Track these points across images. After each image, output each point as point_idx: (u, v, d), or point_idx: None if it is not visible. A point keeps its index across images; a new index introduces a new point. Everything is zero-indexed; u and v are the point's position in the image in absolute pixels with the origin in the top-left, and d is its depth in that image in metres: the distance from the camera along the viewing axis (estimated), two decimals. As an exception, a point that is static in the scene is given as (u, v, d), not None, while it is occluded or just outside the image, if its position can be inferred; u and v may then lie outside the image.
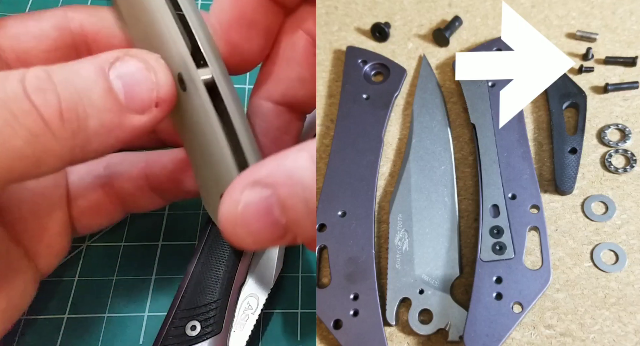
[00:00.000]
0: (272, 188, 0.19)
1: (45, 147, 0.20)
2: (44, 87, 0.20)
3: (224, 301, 0.30)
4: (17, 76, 0.20)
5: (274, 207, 0.19)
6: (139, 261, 0.35)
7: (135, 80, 0.22)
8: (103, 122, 0.21)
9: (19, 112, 0.20)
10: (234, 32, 0.25)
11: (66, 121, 0.20)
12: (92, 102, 0.21)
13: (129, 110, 0.22)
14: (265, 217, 0.19)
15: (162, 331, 0.29)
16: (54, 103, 0.20)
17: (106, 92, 0.21)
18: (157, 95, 0.22)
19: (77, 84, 0.21)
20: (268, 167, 0.20)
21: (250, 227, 0.20)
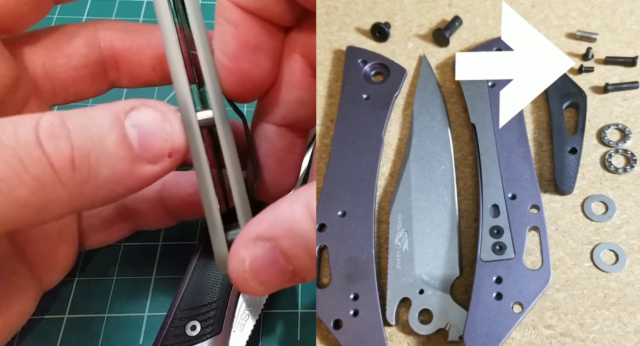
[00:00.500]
0: (274, 241, 0.20)
1: (52, 196, 0.20)
2: (58, 133, 0.20)
3: (224, 301, 0.30)
4: (31, 122, 0.20)
5: (279, 257, 0.21)
6: (139, 261, 0.35)
7: (150, 130, 0.22)
8: (114, 171, 0.21)
9: (28, 160, 0.19)
10: (242, 60, 0.25)
11: (77, 170, 0.20)
12: (105, 150, 0.20)
13: (142, 160, 0.21)
14: (272, 268, 0.21)
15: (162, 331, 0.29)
16: (67, 151, 0.20)
17: (120, 140, 0.21)
18: (171, 145, 0.22)
19: (92, 130, 0.20)
20: (267, 221, 0.21)
21: (261, 278, 0.21)
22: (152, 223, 0.33)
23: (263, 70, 0.26)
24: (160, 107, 0.22)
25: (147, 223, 0.33)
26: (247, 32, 0.24)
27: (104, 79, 0.30)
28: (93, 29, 0.29)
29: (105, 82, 0.30)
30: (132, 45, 0.29)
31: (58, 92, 0.29)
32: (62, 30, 0.28)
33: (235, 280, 0.21)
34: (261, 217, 0.21)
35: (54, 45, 0.28)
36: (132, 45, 0.29)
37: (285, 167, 0.29)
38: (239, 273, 0.21)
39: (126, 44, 0.29)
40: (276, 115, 0.27)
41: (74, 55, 0.28)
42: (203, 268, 0.31)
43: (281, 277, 0.21)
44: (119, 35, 0.29)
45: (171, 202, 0.32)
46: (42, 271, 0.29)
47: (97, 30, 0.29)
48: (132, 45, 0.29)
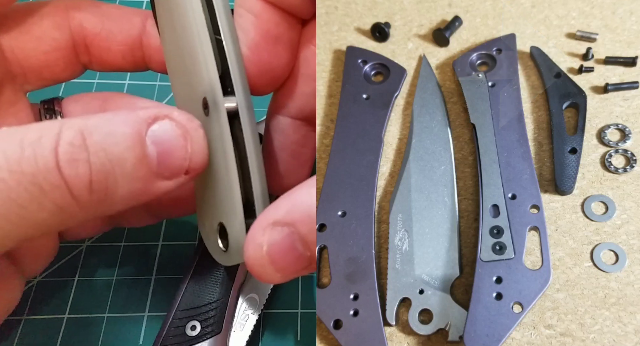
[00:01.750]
0: (292, 227, 0.20)
1: (69, 216, 0.20)
2: (77, 157, 0.19)
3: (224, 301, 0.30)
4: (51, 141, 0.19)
5: (297, 243, 0.20)
6: (139, 261, 0.35)
7: (170, 148, 0.21)
8: (131, 190, 0.21)
9: (48, 186, 0.19)
10: (263, 50, 0.25)
11: (94, 192, 0.20)
12: (124, 171, 0.20)
13: (158, 177, 0.21)
14: (290, 253, 0.20)
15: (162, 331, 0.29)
16: (85, 176, 0.20)
17: (140, 161, 0.20)
18: (189, 164, 0.22)
19: (112, 151, 0.20)
20: (284, 206, 0.21)
21: (278, 264, 0.20)
22: (133, 221, 0.33)
23: (282, 61, 0.25)
24: (184, 122, 0.22)
25: (127, 221, 0.33)
26: (267, 22, 0.24)
27: (76, 61, 0.29)
28: (63, 9, 0.28)
29: (78, 65, 0.29)
30: (102, 29, 0.28)
31: (30, 77, 0.28)
32: (30, 11, 0.27)
33: (252, 266, 0.21)
34: (279, 203, 0.21)
35: (22, 28, 0.27)
36: (102, 29, 0.28)
37: (299, 160, 0.29)
38: (256, 259, 0.21)
39: (97, 27, 0.28)
40: (292, 107, 0.27)
41: (44, 38, 0.27)
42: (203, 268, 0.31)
43: (299, 263, 0.21)
44: (89, 17, 0.28)
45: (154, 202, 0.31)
46: (23, 261, 0.29)
47: (67, 11, 0.28)
48: (102, 29, 0.28)
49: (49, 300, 0.33)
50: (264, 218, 0.21)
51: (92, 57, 0.29)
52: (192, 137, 0.22)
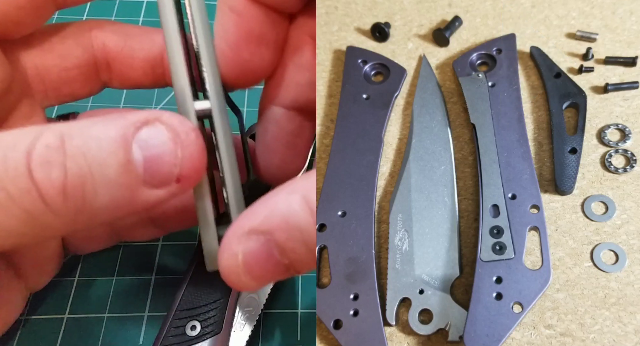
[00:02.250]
0: (268, 235, 0.19)
1: (44, 224, 0.19)
2: (52, 160, 0.18)
3: (224, 301, 0.30)
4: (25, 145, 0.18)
5: (274, 250, 0.19)
6: (139, 262, 0.35)
7: (158, 154, 0.20)
8: (113, 198, 0.19)
9: (15, 191, 0.18)
10: (244, 50, 0.24)
11: (70, 199, 0.19)
12: (104, 177, 0.19)
13: (145, 184, 0.20)
14: (266, 262, 0.20)
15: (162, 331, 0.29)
16: (58, 181, 0.18)
17: (123, 167, 0.19)
18: (180, 171, 0.20)
19: (92, 156, 0.19)
20: (261, 213, 0.20)
21: (254, 273, 0.20)
22: (138, 236, 0.32)
23: (264, 60, 0.25)
24: (175, 125, 0.20)
25: (133, 236, 0.32)
26: (250, 21, 0.24)
27: (96, 79, 0.29)
28: (87, 29, 0.28)
29: (98, 82, 0.30)
30: (124, 47, 0.28)
31: (50, 93, 0.28)
32: (56, 30, 0.28)
33: (227, 275, 0.20)
34: (255, 209, 0.20)
35: (46, 45, 0.27)
36: (124, 47, 0.28)
37: (294, 151, 0.28)
38: (230, 268, 0.20)
39: (119, 45, 0.28)
40: (286, 97, 0.27)
41: (66, 56, 0.28)
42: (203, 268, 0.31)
43: (275, 271, 0.20)
44: (111, 36, 0.28)
45: (158, 213, 0.31)
46: (27, 275, 0.29)
47: (91, 31, 0.28)
48: (124, 47, 0.28)
49: (49, 300, 0.33)
50: (239, 226, 0.20)
51: (113, 75, 0.29)
52: (182, 141, 0.20)
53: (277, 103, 0.27)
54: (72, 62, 0.28)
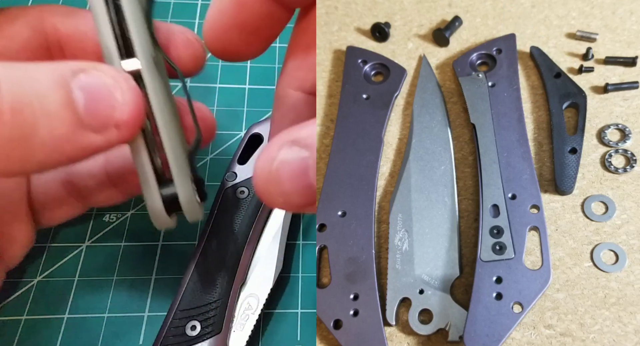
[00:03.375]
0: (310, 150, 0.18)
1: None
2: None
3: (224, 301, 0.30)
4: None
5: (310, 169, 0.18)
6: (139, 261, 0.35)
7: (99, 95, 0.20)
8: (53, 133, 0.19)
9: None
10: (234, 36, 0.24)
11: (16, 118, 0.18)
12: (44, 106, 0.19)
13: (85, 127, 0.20)
14: (299, 178, 0.18)
15: (162, 331, 0.29)
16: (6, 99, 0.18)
17: (64, 101, 0.19)
18: (120, 115, 0.20)
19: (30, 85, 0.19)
20: (308, 129, 0.19)
21: (284, 186, 0.19)
22: (103, 200, 0.32)
23: (251, 49, 0.25)
24: (112, 73, 0.21)
25: (98, 200, 0.32)
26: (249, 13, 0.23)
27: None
28: (37, 11, 0.28)
29: None
30: (75, 30, 0.28)
31: None
32: (5, 12, 0.27)
33: (257, 180, 0.19)
34: (301, 125, 0.19)
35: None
36: (75, 30, 0.28)
37: None
38: (262, 172, 0.19)
39: (69, 29, 0.28)
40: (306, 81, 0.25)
41: (15, 37, 0.27)
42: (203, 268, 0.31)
43: (304, 193, 0.19)
44: (63, 19, 0.28)
45: (117, 175, 0.31)
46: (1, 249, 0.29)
47: (42, 13, 0.28)
48: (75, 30, 0.28)
49: (49, 300, 0.33)
50: (284, 134, 0.19)
51: (66, 58, 0.29)
52: (121, 87, 0.20)
53: (297, 87, 0.26)
54: (21, 44, 0.27)
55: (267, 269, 0.32)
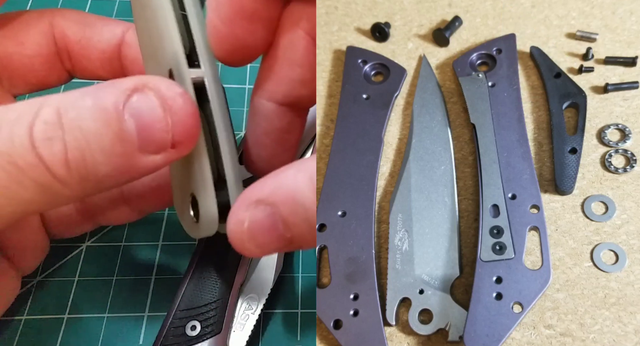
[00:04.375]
0: (274, 207, 0.20)
1: (55, 194, 0.20)
2: (52, 135, 0.19)
3: (224, 301, 0.30)
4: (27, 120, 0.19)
5: (278, 223, 0.20)
6: (139, 261, 0.35)
7: (149, 121, 0.20)
8: (114, 167, 0.20)
9: (25, 165, 0.19)
10: (237, 26, 0.24)
11: (73, 170, 0.20)
12: (101, 148, 0.20)
13: (142, 151, 0.21)
14: (270, 232, 0.21)
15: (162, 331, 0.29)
16: (61, 154, 0.19)
17: (117, 136, 0.20)
18: (173, 137, 0.21)
19: (87, 128, 0.20)
20: (269, 186, 0.21)
21: (258, 241, 0.21)
22: (115, 219, 0.32)
23: (257, 38, 0.25)
24: (164, 91, 0.21)
25: (109, 219, 0.32)
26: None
27: (60, 68, 0.29)
28: (49, 16, 0.28)
29: (63, 71, 0.29)
30: (82, 37, 0.28)
31: (16, 81, 0.28)
32: (18, 17, 0.28)
33: (232, 240, 0.21)
34: (264, 181, 0.21)
35: (7, 32, 0.27)
36: (82, 37, 0.28)
37: (283, 146, 0.28)
38: (236, 233, 0.21)
39: (77, 35, 0.28)
40: (277, 92, 0.26)
41: (27, 43, 0.28)
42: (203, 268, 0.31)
43: (278, 242, 0.21)
44: (71, 25, 0.28)
45: (132, 194, 0.31)
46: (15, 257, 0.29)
47: (53, 18, 0.28)
48: (82, 37, 0.28)
49: (49, 300, 0.33)
50: (248, 194, 0.21)
51: (73, 65, 0.29)
52: (171, 107, 0.21)
53: (268, 98, 0.27)
54: (33, 49, 0.28)
55: (267, 269, 0.32)
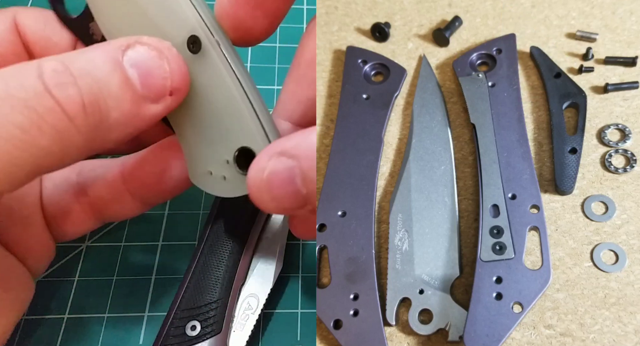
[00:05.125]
0: (296, 160, 0.21)
1: (70, 142, 0.20)
2: (64, 80, 0.20)
3: (224, 301, 0.30)
4: (33, 71, 0.20)
5: (297, 177, 0.21)
6: (139, 261, 0.35)
7: (149, 69, 0.22)
8: (123, 113, 0.21)
9: (43, 110, 0.19)
10: (241, 9, 0.25)
11: (89, 115, 0.20)
12: (111, 93, 0.21)
13: (145, 99, 0.22)
14: (287, 185, 0.21)
15: (162, 331, 0.29)
16: (77, 98, 0.20)
17: (124, 82, 0.21)
18: (171, 84, 0.22)
19: (95, 74, 0.20)
20: (294, 140, 0.21)
21: (274, 193, 0.21)
22: (120, 212, 0.32)
23: (257, 25, 0.26)
24: (155, 44, 0.22)
25: (115, 212, 0.32)
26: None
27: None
28: (12, 14, 0.28)
29: None
30: (42, 35, 0.28)
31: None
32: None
33: (250, 187, 0.22)
34: (290, 135, 0.22)
35: None
36: (42, 35, 0.28)
37: None
38: (255, 181, 0.21)
39: (37, 33, 0.28)
40: (295, 112, 0.27)
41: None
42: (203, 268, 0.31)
43: (293, 198, 0.21)
44: (32, 23, 0.28)
45: (135, 181, 0.31)
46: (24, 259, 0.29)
47: (17, 16, 0.28)
48: (42, 35, 0.28)
49: (49, 300, 0.33)
50: (272, 146, 0.22)
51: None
52: (167, 56, 0.22)
53: (287, 118, 0.27)
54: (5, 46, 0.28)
55: (267, 269, 0.32)
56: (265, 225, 0.34)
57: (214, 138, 0.25)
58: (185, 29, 0.24)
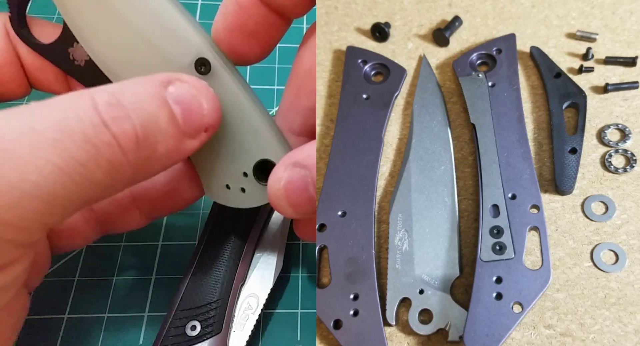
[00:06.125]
0: (308, 170, 0.23)
1: (121, 176, 0.21)
2: (119, 114, 0.20)
3: (224, 301, 0.30)
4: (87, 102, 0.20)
5: (310, 185, 0.23)
6: (139, 262, 0.35)
7: (190, 107, 0.22)
8: (168, 148, 0.22)
9: (101, 144, 0.20)
10: (235, 38, 0.26)
11: (141, 149, 0.21)
12: (161, 128, 0.21)
13: (185, 135, 0.23)
14: (303, 193, 0.23)
15: (162, 331, 0.29)
16: (132, 133, 0.20)
17: (170, 118, 0.22)
18: (208, 121, 0.23)
19: (146, 109, 0.21)
20: (306, 151, 0.23)
21: (292, 200, 0.23)
22: (125, 226, 0.31)
23: (250, 51, 0.26)
24: (195, 83, 0.23)
25: (120, 226, 0.31)
26: (248, 15, 0.25)
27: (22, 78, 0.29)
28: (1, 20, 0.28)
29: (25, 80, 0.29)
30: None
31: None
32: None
33: (270, 196, 0.23)
34: (303, 147, 0.24)
35: None
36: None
37: None
38: (273, 190, 0.23)
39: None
40: (295, 122, 0.28)
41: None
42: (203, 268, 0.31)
43: (308, 203, 0.23)
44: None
45: (145, 198, 0.31)
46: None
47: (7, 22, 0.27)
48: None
49: (49, 300, 0.33)
50: (288, 157, 0.23)
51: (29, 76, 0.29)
52: (205, 95, 0.23)
53: (287, 129, 0.28)
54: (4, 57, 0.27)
55: (267, 269, 0.32)
56: (265, 225, 0.34)
57: (230, 154, 0.26)
58: (192, 52, 0.24)
